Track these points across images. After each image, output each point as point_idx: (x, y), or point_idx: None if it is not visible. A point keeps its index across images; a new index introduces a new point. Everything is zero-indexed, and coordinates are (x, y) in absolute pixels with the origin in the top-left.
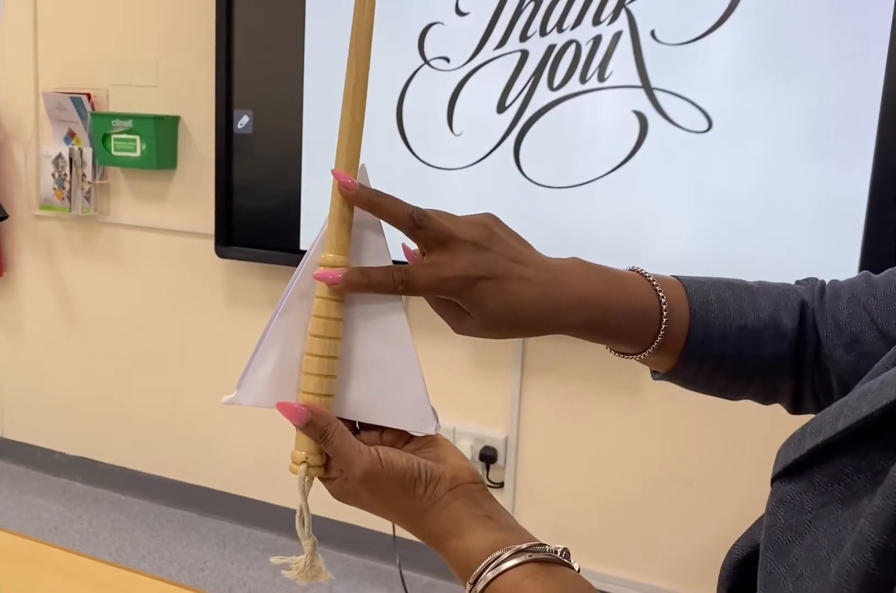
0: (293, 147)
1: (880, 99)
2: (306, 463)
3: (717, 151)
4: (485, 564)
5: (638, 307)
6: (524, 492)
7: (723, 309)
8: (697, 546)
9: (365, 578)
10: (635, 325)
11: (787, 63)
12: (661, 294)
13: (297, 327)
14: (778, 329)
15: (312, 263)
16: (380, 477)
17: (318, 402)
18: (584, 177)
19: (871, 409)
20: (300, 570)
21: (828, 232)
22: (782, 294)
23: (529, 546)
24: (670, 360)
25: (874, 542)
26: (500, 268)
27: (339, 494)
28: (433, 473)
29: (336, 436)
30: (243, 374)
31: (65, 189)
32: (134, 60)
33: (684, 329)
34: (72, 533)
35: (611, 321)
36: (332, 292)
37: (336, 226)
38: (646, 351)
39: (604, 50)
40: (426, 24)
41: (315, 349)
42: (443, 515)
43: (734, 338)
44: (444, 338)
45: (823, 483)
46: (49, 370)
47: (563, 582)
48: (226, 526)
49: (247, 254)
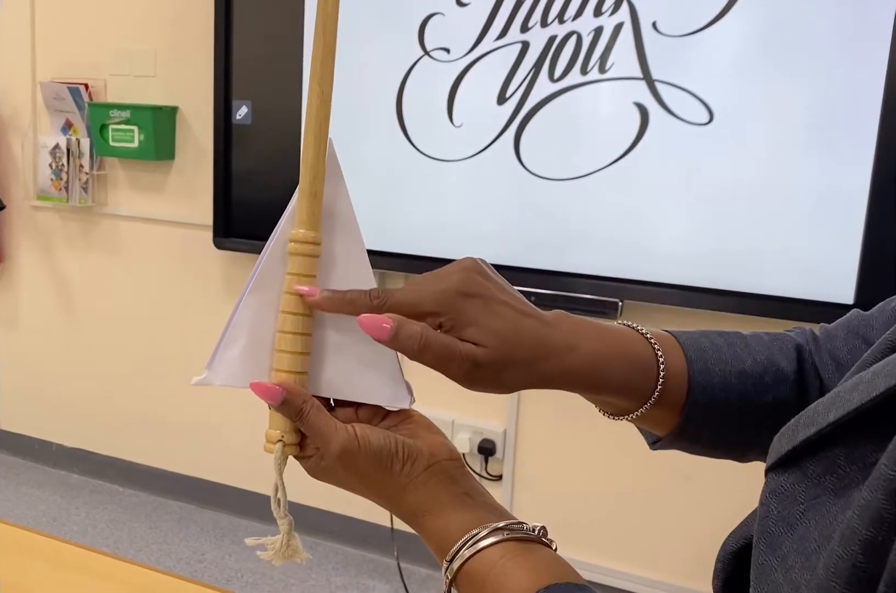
0: (292, 138)
1: (882, 92)
2: (282, 441)
3: (718, 144)
4: (462, 542)
5: (632, 355)
6: (522, 485)
7: (719, 355)
8: (695, 539)
9: (363, 570)
10: (632, 374)
11: (789, 55)
12: (654, 342)
13: (267, 304)
14: (778, 372)
15: (282, 239)
16: (356, 454)
17: (293, 380)
18: (584, 169)
19: (861, 400)
20: (276, 550)
21: (828, 224)
22: (775, 339)
23: (507, 524)
24: (672, 416)
25: (861, 535)
26: (486, 289)
27: (315, 472)
28: (410, 450)
29: (312, 414)
30: (213, 354)
31: (62, 180)
32: (132, 50)
33: (684, 379)
34: (69, 525)
35: (607, 368)
36: (304, 268)
37: (306, 201)
38: (645, 403)
39: (605, 41)
40: (427, 14)
41: (288, 326)
42: (420, 492)
43: (736, 384)
44: None
45: (816, 474)
46: (46, 362)
47: (540, 560)
48: (224, 517)
49: (245, 246)
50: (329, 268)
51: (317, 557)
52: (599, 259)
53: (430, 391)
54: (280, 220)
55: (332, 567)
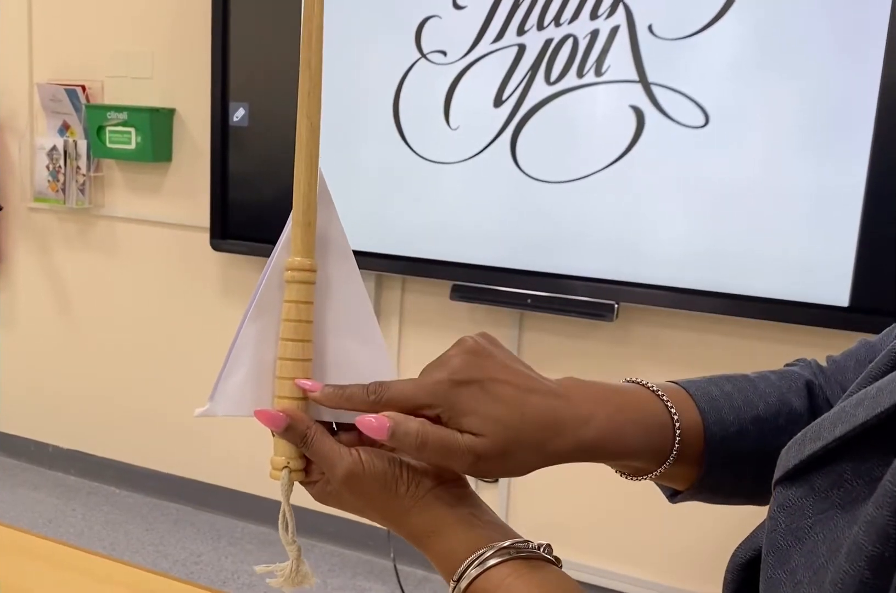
0: (289, 140)
1: (877, 94)
2: (288, 468)
3: (714, 146)
4: (468, 562)
5: (648, 417)
6: (519, 487)
7: (731, 403)
8: (692, 541)
9: (360, 572)
10: (649, 437)
11: (785, 58)
12: (666, 399)
13: (267, 332)
14: (791, 412)
15: (278, 267)
16: (361, 477)
17: (296, 406)
18: (580, 172)
19: (867, 416)
20: (286, 577)
21: (823, 227)
22: (783, 377)
23: (512, 543)
24: (691, 471)
25: (868, 551)
26: (484, 372)
27: (321, 497)
28: (415, 472)
29: (316, 439)
30: (215, 385)
31: (59, 181)
32: (129, 52)
33: (699, 432)
34: (66, 527)
35: (623, 436)
36: (302, 295)
37: (301, 230)
38: (664, 463)
39: (601, 44)
40: (423, 17)
41: (288, 353)
42: (426, 514)
43: (752, 431)
44: (440, 334)
45: (824, 488)
46: (43, 363)
47: (546, 578)
48: (220, 519)
49: (242, 247)
50: (326, 294)
51: (313, 559)
52: (595, 261)
53: None
54: (274, 249)
55: (329, 568)
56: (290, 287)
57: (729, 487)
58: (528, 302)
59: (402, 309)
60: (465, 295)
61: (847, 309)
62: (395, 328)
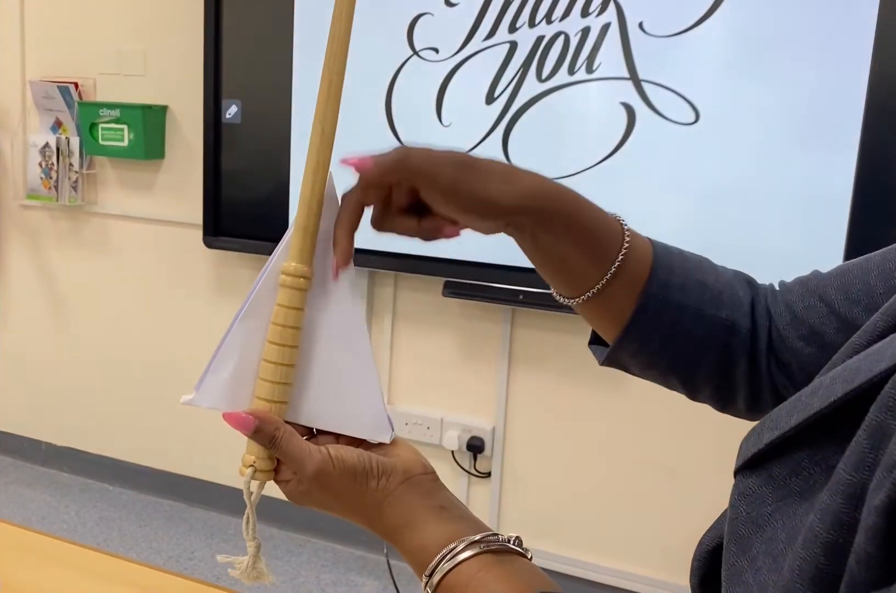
0: (282, 137)
1: (865, 91)
2: (253, 467)
3: (705, 143)
4: (440, 557)
5: (602, 219)
6: (511, 482)
7: (683, 263)
8: (681, 534)
9: (352, 568)
10: (597, 232)
11: (774, 56)
12: (624, 223)
13: (256, 332)
14: (735, 296)
15: (275, 271)
16: (331, 473)
17: (269, 409)
18: (571, 169)
19: (820, 405)
20: (242, 571)
21: (813, 223)
22: (738, 273)
23: (483, 537)
24: (627, 302)
25: (823, 538)
26: None
27: (294, 496)
28: (385, 466)
29: (284, 440)
30: (202, 376)
31: (52, 178)
32: (122, 49)
33: (646, 264)
34: (59, 524)
35: (574, 215)
36: (293, 301)
37: (300, 235)
38: (607, 271)
39: (592, 41)
40: (415, 14)
41: (272, 356)
42: (397, 507)
43: (694, 290)
44: (432, 330)
45: (782, 476)
46: (36, 360)
47: (517, 571)
48: (213, 516)
49: (235, 245)
50: (322, 301)
51: (306, 555)
52: None
53: (420, 389)
54: (275, 251)
55: (322, 564)
56: (282, 291)
57: (657, 343)
58: (520, 298)
59: (394, 305)
60: (458, 291)
61: None
62: (388, 324)
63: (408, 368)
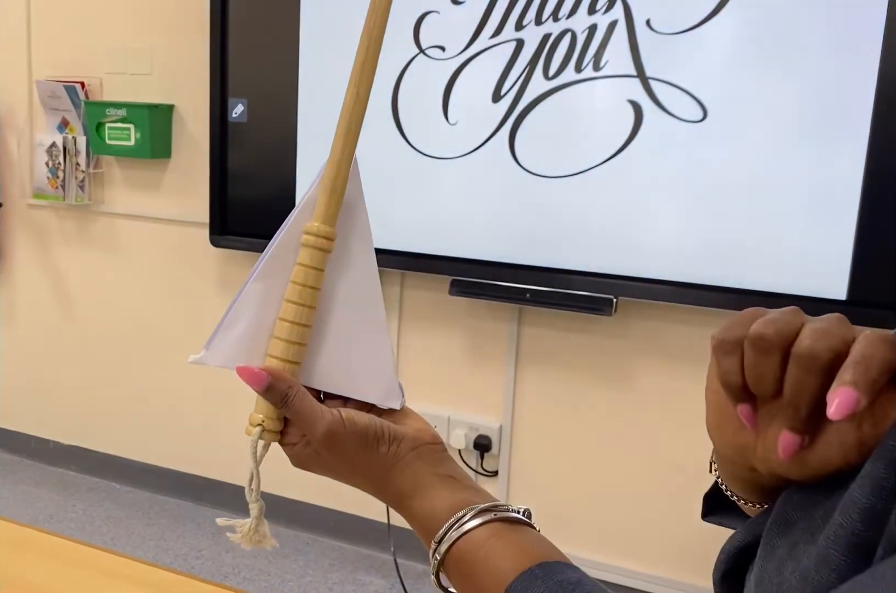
0: (288, 135)
1: (874, 88)
2: (261, 425)
3: (712, 141)
4: (449, 524)
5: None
6: (518, 481)
7: None
8: (691, 533)
9: (360, 566)
10: None
11: (782, 52)
12: None
13: (273, 291)
14: None
15: (296, 229)
16: (342, 435)
17: (283, 368)
18: (579, 167)
19: None
20: (244, 534)
21: (821, 220)
22: None
23: (492, 505)
24: None
25: (861, 503)
26: None
27: (300, 459)
28: (396, 432)
29: (297, 399)
30: (213, 334)
31: (58, 178)
32: (128, 48)
33: None
34: (66, 522)
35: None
36: (315, 261)
37: (327, 196)
38: None
39: (599, 39)
40: (422, 12)
41: (289, 315)
42: (406, 473)
43: None
44: (439, 329)
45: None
46: (43, 359)
47: (527, 540)
48: (220, 514)
49: (241, 244)
50: (342, 266)
51: (313, 553)
52: (594, 255)
53: (427, 387)
54: (294, 210)
55: (329, 563)
56: (304, 250)
57: None
58: (527, 296)
59: (401, 304)
60: (464, 290)
61: (845, 302)
62: (395, 323)
63: (415, 367)
